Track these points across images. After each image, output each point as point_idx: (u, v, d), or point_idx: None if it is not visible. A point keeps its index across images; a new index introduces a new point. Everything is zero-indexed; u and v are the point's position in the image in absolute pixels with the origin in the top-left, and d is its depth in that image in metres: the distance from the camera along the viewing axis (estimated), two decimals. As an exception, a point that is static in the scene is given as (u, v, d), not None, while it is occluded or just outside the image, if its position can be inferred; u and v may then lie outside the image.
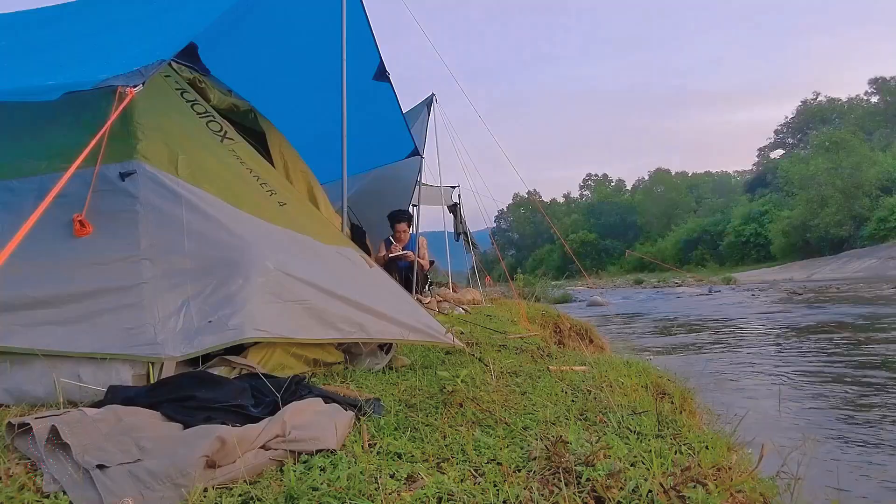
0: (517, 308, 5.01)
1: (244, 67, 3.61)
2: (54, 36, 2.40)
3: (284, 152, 2.86)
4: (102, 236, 1.70)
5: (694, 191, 66.93)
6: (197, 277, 1.73)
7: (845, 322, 8.22)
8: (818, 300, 12.47)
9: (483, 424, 1.32)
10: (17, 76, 1.85)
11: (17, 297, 1.63)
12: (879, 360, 5.23)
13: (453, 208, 8.89)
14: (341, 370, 1.96)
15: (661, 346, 6.98)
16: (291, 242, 1.95)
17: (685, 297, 17.15)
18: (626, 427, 1.29)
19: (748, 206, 46.90)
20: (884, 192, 31.79)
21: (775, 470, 1.14)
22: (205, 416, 1.21)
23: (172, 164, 1.82)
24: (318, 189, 2.86)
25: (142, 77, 1.57)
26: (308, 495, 0.93)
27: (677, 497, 0.92)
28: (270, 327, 1.71)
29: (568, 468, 1.00)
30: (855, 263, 26.12)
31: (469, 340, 2.53)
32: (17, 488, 0.97)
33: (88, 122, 1.73)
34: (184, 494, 0.94)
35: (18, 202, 1.74)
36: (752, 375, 4.94)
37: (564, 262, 50.80)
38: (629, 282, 32.84)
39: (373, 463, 1.09)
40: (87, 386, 1.54)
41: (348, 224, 3.45)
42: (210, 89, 2.51)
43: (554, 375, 1.85)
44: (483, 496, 0.94)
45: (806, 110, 55.02)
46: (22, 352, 1.57)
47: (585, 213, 72.29)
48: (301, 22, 3.44)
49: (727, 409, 1.67)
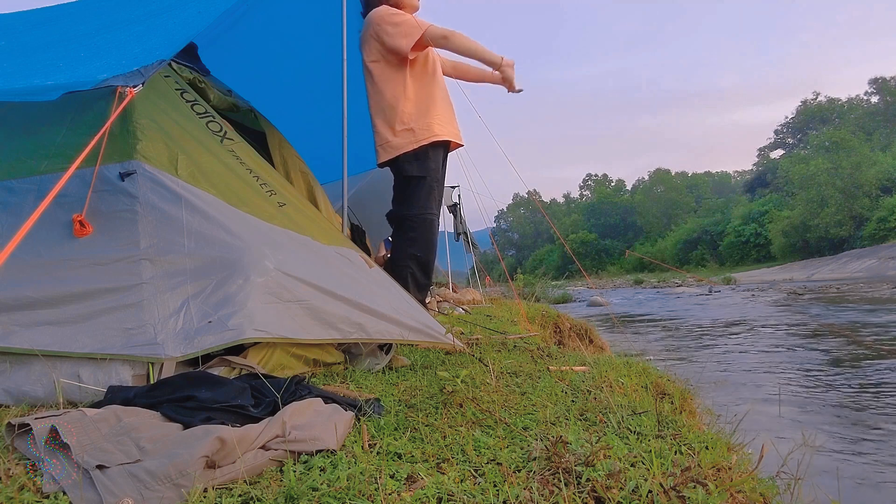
0: (517, 308, 5.01)
1: (244, 67, 3.61)
2: (54, 36, 2.40)
3: (284, 152, 2.86)
4: (102, 236, 1.70)
5: (694, 191, 66.97)
6: (197, 277, 1.73)
7: (845, 322, 8.22)
8: (818, 300, 12.47)
9: (483, 425, 1.32)
10: (16, 76, 1.85)
11: (17, 297, 1.62)
12: (880, 361, 5.23)
13: (453, 208, 8.90)
14: (341, 370, 1.96)
15: (662, 346, 6.98)
16: (291, 243, 1.95)
17: (685, 297, 17.15)
18: (626, 427, 1.29)
19: (748, 206, 46.94)
20: (884, 192, 31.81)
21: (775, 470, 1.14)
22: (205, 417, 1.21)
23: (172, 164, 1.82)
24: (318, 189, 2.86)
25: (142, 77, 1.57)
26: (308, 495, 0.93)
27: (677, 497, 0.92)
28: (270, 328, 1.71)
29: (568, 468, 1.00)
30: (855, 263, 26.12)
31: (469, 340, 2.53)
32: (17, 488, 0.97)
33: (88, 122, 1.73)
34: (184, 495, 0.94)
35: (18, 202, 1.73)
36: (752, 376, 4.94)
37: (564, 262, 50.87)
38: (629, 282, 32.85)
39: (373, 463, 1.09)
40: (87, 386, 1.54)
41: (348, 224, 3.45)
42: (210, 89, 2.51)
43: (554, 375, 1.85)
44: (483, 496, 0.94)
45: (806, 110, 55.05)
46: (21, 352, 1.57)
47: (585, 213, 72.38)
48: (301, 22, 3.45)
49: (727, 410, 1.67)
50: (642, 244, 59.03)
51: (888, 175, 32.18)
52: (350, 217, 4.15)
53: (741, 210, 45.56)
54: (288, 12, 3.39)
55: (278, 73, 3.92)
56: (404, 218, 2.65)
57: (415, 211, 2.63)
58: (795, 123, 55.86)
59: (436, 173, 2.68)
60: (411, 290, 2.52)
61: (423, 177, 2.63)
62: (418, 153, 2.62)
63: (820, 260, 30.85)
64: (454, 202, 8.83)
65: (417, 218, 2.63)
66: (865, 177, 32.16)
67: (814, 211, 33.51)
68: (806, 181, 34.76)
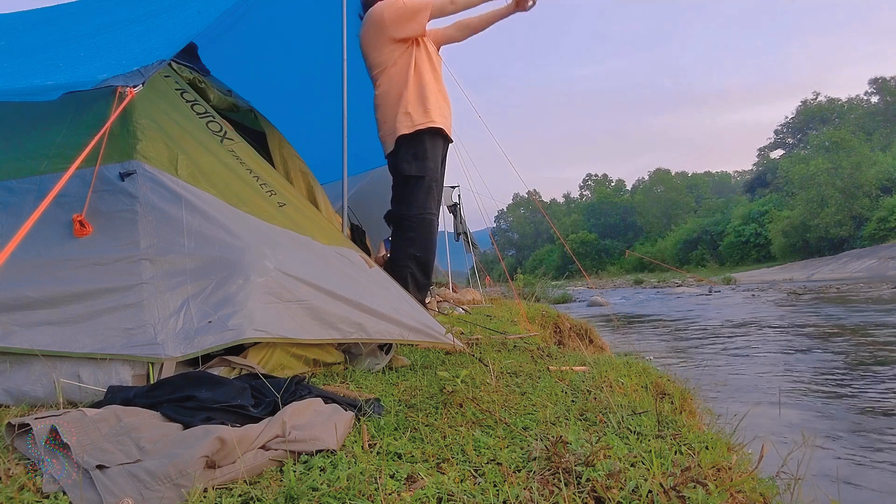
0: (517, 308, 5.01)
1: (244, 67, 3.61)
2: (54, 36, 2.40)
3: (284, 152, 2.86)
4: (102, 236, 1.70)
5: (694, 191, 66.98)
6: (197, 277, 1.73)
7: (845, 322, 8.22)
8: (818, 300, 12.47)
9: (483, 425, 1.32)
10: (16, 76, 1.85)
11: (17, 297, 1.62)
12: (880, 361, 5.23)
13: (453, 208, 8.90)
14: (341, 370, 1.96)
15: (662, 346, 6.98)
16: (291, 243, 1.95)
17: (685, 297, 17.15)
18: (626, 427, 1.29)
19: (748, 206, 46.95)
20: (884, 192, 31.81)
21: (775, 470, 1.14)
22: (205, 417, 1.21)
23: (172, 164, 1.82)
24: (318, 189, 2.86)
25: (142, 77, 1.57)
26: (308, 495, 0.93)
27: (677, 497, 0.92)
28: (270, 328, 1.71)
29: (568, 468, 1.00)
30: (855, 263, 26.13)
31: (469, 340, 2.53)
32: (17, 488, 0.97)
33: (88, 122, 1.73)
34: (184, 495, 0.94)
35: (18, 202, 1.73)
36: (752, 375, 4.94)
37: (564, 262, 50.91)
38: (629, 282, 32.85)
39: (373, 463, 1.09)
40: (87, 386, 1.54)
41: (348, 224, 3.45)
42: (210, 89, 2.51)
43: (554, 375, 1.85)
44: (483, 496, 0.94)
45: (806, 110, 55.07)
46: (21, 352, 1.57)
47: (585, 213, 72.40)
48: (301, 22, 3.45)
49: (727, 410, 1.67)
50: (642, 244, 59.03)
51: (888, 175, 32.18)
52: (350, 217, 4.15)
53: (741, 210, 45.57)
54: (288, 12, 3.39)
55: (278, 72, 3.93)
56: (403, 218, 2.65)
57: (414, 211, 2.63)
58: (795, 123, 55.87)
59: (434, 173, 2.68)
60: (411, 290, 2.53)
61: (422, 176, 2.63)
62: (416, 152, 2.62)
63: (820, 260, 30.85)
64: (454, 202, 8.83)
65: (416, 218, 2.63)
66: (865, 177, 32.16)
67: (814, 211, 33.51)
68: (806, 181, 34.76)
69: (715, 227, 47.33)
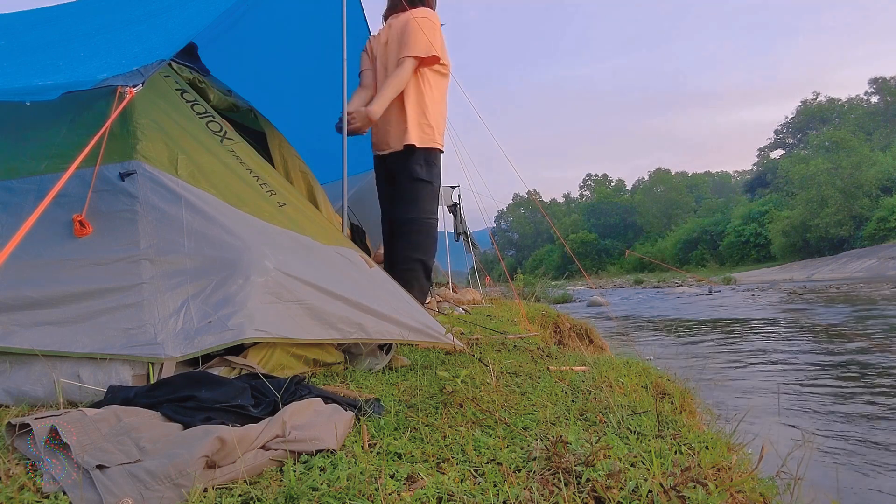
0: (517, 308, 5.01)
1: (244, 67, 3.61)
2: (54, 36, 2.40)
3: (284, 152, 2.86)
4: (102, 236, 1.70)
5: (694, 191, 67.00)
6: (197, 277, 1.73)
7: (845, 322, 8.22)
8: (818, 300, 12.47)
9: (483, 424, 1.32)
10: (16, 76, 1.85)
11: (17, 297, 1.62)
12: (880, 361, 5.23)
13: (453, 208, 8.89)
14: (341, 370, 1.96)
15: (662, 346, 6.98)
16: (291, 243, 1.95)
17: (685, 297, 17.15)
18: (626, 427, 1.29)
19: (748, 206, 46.98)
20: (884, 192, 31.82)
21: (775, 470, 1.14)
22: (205, 417, 1.21)
23: (172, 164, 1.82)
24: (318, 189, 2.87)
25: (142, 77, 1.57)
26: (308, 495, 0.93)
27: (677, 497, 0.92)
28: (270, 328, 1.71)
29: (568, 468, 1.00)
30: (855, 263, 26.13)
31: (469, 340, 2.53)
32: (17, 488, 0.97)
33: (88, 122, 1.73)
34: (184, 495, 0.94)
35: (18, 202, 1.73)
36: (752, 376, 4.95)
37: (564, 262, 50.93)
38: (629, 282, 32.86)
39: (373, 463, 1.09)
40: (87, 386, 1.54)
41: (348, 224, 3.45)
42: (210, 89, 2.51)
43: (554, 375, 1.85)
44: (483, 496, 0.94)
45: (806, 110, 55.09)
46: (21, 352, 1.57)
47: (585, 213, 72.41)
48: (301, 22, 3.45)
49: (727, 410, 1.67)
50: (642, 244, 59.03)
51: (888, 175, 32.19)
52: (350, 217, 4.15)
53: (741, 210, 45.59)
54: (288, 12, 3.39)
55: (278, 72, 3.93)
56: (411, 221, 2.69)
57: (420, 214, 2.67)
58: (795, 123, 55.87)
59: (439, 180, 2.78)
60: (416, 294, 2.53)
61: (431, 182, 2.71)
62: (428, 158, 2.68)
63: (820, 260, 30.86)
64: (454, 202, 8.82)
65: (423, 222, 2.67)
66: (865, 177, 32.17)
67: (814, 211, 33.52)
68: (806, 181, 34.77)
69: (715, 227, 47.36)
